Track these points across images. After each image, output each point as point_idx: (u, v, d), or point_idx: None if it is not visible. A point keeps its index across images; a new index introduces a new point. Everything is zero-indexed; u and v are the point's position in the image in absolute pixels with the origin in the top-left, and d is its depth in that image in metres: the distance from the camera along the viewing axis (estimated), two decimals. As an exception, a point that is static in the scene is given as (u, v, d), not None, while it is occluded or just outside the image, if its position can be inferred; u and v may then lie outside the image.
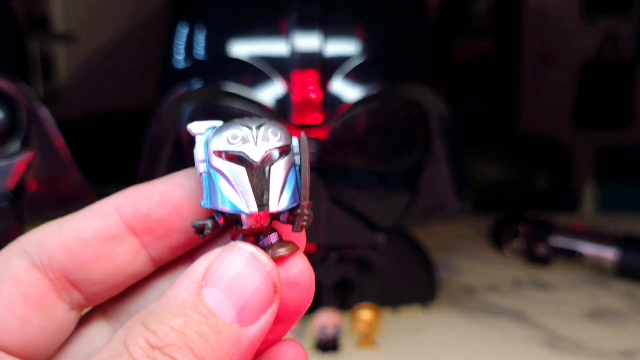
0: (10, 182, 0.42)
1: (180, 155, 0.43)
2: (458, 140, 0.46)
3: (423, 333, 0.47)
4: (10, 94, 0.42)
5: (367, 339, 0.45)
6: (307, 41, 0.41)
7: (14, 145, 0.42)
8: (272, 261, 0.19)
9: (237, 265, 0.18)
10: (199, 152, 0.20)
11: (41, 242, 0.20)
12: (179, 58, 0.45)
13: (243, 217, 0.20)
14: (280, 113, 0.40)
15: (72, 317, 0.21)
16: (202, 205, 0.20)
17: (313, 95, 0.41)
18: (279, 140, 0.20)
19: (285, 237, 0.21)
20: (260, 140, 0.19)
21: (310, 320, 0.46)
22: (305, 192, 0.20)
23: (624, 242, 0.55)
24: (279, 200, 0.20)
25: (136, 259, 0.21)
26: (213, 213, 0.20)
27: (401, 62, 0.45)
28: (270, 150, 0.19)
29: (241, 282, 0.18)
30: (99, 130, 0.62)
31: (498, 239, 0.60)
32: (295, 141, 0.20)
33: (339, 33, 0.42)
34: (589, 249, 0.56)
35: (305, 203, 0.20)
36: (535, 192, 0.70)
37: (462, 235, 0.63)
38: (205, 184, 0.20)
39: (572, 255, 0.57)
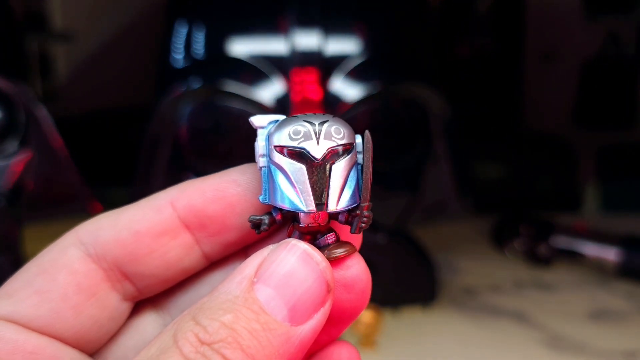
0: (8, 182, 0.42)
1: (180, 155, 0.43)
2: (459, 140, 0.46)
3: (424, 334, 0.46)
4: (8, 94, 0.41)
5: (367, 340, 0.45)
6: (307, 40, 0.41)
7: (12, 145, 0.42)
8: (325, 260, 0.18)
9: (290, 263, 0.18)
10: (259, 146, 0.20)
11: (96, 233, 0.20)
12: (178, 57, 0.45)
13: (301, 215, 0.19)
14: (279, 112, 0.40)
15: (125, 308, 0.21)
16: (261, 200, 0.20)
17: (313, 94, 0.40)
18: (342, 138, 0.19)
19: (342, 238, 0.20)
20: (323, 138, 0.19)
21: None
22: (366, 193, 0.20)
23: (626, 243, 0.54)
24: (338, 200, 0.19)
25: (189, 254, 0.21)
26: (271, 209, 0.20)
27: (402, 61, 0.45)
28: (332, 148, 0.19)
29: (293, 280, 0.18)
30: (98, 129, 0.62)
31: (499, 240, 0.60)
32: (359, 139, 0.20)
33: (339, 32, 0.42)
34: (591, 249, 0.55)
35: (366, 204, 0.19)
36: (536, 192, 0.70)
37: (463, 235, 0.63)
38: (264, 178, 0.20)
39: (573, 256, 0.56)
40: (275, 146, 0.19)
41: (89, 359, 0.20)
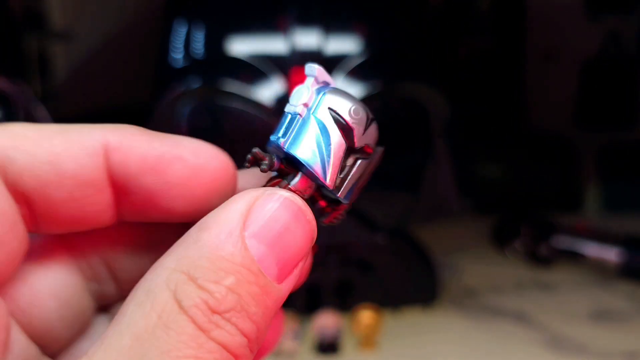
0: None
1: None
2: (459, 140, 0.46)
3: (424, 334, 0.46)
4: (7, 93, 0.41)
5: (368, 341, 0.45)
6: (307, 39, 0.41)
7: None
8: (311, 214, 0.18)
9: (283, 218, 0.17)
10: (304, 95, 0.19)
11: (11, 153, 0.16)
12: (177, 56, 0.44)
13: (299, 178, 0.19)
14: (279, 112, 0.40)
15: (27, 243, 0.18)
16: (272, 139, 0.19)
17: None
18: (374, 141, 0.20)
19: None
20: (368, 131, 0.20)
21: (310, 322, 0.46)
22: (355, 198, 0.20)
23: (627, 243, 0.54)
24: (346, 191, 0.19)
25: (105, 211, 0.18)
26: (271, 156, 0.19)
27: (402, 61, 0.45)
28: (367, 144, 0.20)
29: (287, 239, 0.17)
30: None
31: (500, 240, 0.60)
32: (377, 149, 0.21)
33: (340, 31, 0.42)
34: (592, 249, 0.55)
35: (347, 205, 0.20)
36: (537, 192, 0.70)
37: (464, 235, 0.63)
38: (290, 124, 0.19)
39: (574, 256, 0.56)
40: (332, 108, 0.19)
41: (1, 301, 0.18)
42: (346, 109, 0.19)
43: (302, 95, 0.19)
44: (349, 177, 0.19)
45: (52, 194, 0.17)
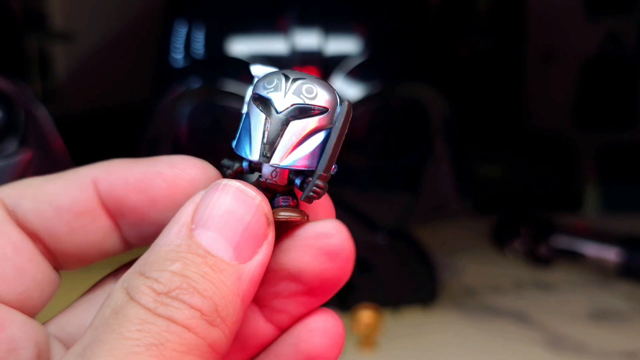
0: (8, 182, 0.42)
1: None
2: (459, 140, 0.46)
3: (424, 334, 0.46)
4: (7, 93, 0.41)
5: (367, 341, 0.45)
6: (307, 39, 0.41)
7: (12, 145, 0.42)
8: (261, 194, 0.18)
9: (225, 203, 0.17)
10: (247, 94, 0.20)
11: (18, 200, 0.19)
12: (177, 57, 0.45)
13: (263, 169, 0.19)
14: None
15: (56, 275, 0.20)
16: (232, 145, 0.19)
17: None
18: (312, 99, 0.19)
19: (309, 211, 0.20)
20: (291, 93, 0.19)
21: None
22: (326, 163, 0.19)
23: (626, 243, 0.54)
24: (285, 156, 0.19)
25: (109, 238, 0.20)
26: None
27: (402, 61, 0.45)
28: (297, 105, 0.19)
29: (232, 219, 0.17)
30: (97, 129, 0.62)
31: (499, 240, 0.60)
32: (339, 108, 0.19)
33: (339, 31, 0.42)
34: (591, 249, 0.55)
35: (322, 174, 0.19)
36: (537, 192, 0.70)
37: (464, 235, 0.63)
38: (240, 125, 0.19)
39: (574, 256, 0.56)
40: (251, 94, 0.19)
41: (40, 325, 0.20)
42: (260, 85, 0.19)
43: (246, 96, 0.20)
44: (280, 140, 0.18)
45: (55, 228, 0.19)
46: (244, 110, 0.19)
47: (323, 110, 0.19)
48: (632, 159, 0.70)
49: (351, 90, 0.41)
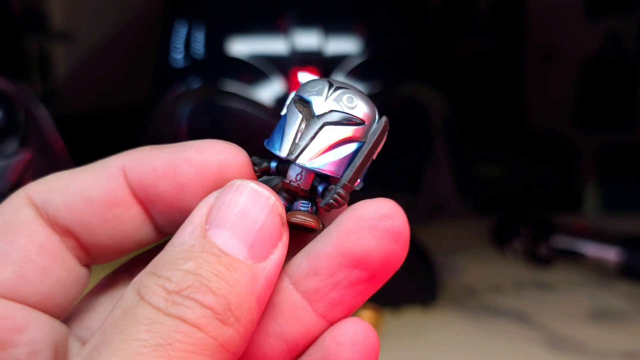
0: (8, 183, 0.42)
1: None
2: (459, 140, 0.46)
3: (424, 334, 0.46)
4: (7, 93, 0.41)
5: (367, 340, 0.45)
6: (307, 39, 0.41)
7: (12, 145, 0.42)
8: (275, 194, 0.18)
9: (240, 202, 0.17)
10: (289, 98, 0.20)
11: (47, 195, 0.19)
12: (177, 57, 0.45)
13: (289, 171, 0.19)
14: (279, 112, 0.40)
15: (84, 272, 0.20)
16: (264, 142, 0.20)
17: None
18: (352, 109, 0.19)
19: (326, 219, 0.20)
20: (332, 99, 0.19)
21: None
22: (352, 173, 0.19)
23: (626, 243, 0.54)
24: (313, 158, 0.19)
25: (142, 227, 0.20)
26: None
27: (402, 61, 0.45)
28: (336, 111, 0.19)
29: (247, 218, 0.17)
30: (98, 129, 0.62)
31: (499, 240, 0.60)
32: (376, 124, 0.19)
33: (339, 31, 0.42)
34: (591, 249, 0.55)
35: (346, 184, 0.19)
36: (537, 192, 0.70)
37: (464, 235, 0.63)
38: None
39: (574, 256, 0.56)
40: (294, 96, 0.19)
41: (62, 325, 0.20)
42: (303, 88, 0.19)
43: (288, 99, 0.20)
44: (311, 142, 0.19)
45: (87, 221, 0.19)
46: (284, 112, 0.20)
47: (360, 122, 0.19)
48: (632, 159, 0.70)
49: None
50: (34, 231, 0.19)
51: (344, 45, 0.42)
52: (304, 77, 0.21)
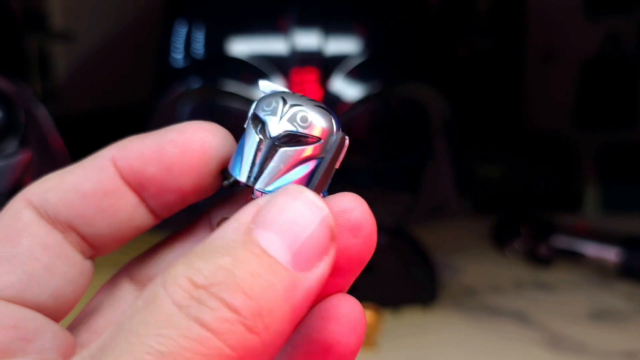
0: (8, 183, 0.42)
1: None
2: (459, 140, 0.46)
3: (424, 334, 0.46)
4: (7, 93, 0.41)
5: (367, 340, 0.45)
6: (307, 39, 0.41)
7: (12, 145, 0.42)
8: (328, 207, 0.17)
9: (292, 207, 0.17)
10: (250, 109, 0.20)
11: (44, 195, 0.20)
12: (177, 57, 0.45)
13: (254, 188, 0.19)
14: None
15: (89, 265, 0.21)
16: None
17: (313, 94, 0.40)
18: (305, 128, 0.19)
19: None
20: (286, 120, 0.19)
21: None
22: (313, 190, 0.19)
23: (626, 243, 0.54)
24: (270, 182, 0.19)
25: (137, 212, 0.20)
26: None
27: (402, 61, 0.45)
28: (290, 132, 0.19)
29: (296, 224, 0.16)
30: (98, 129, 0.62)
31: (499, 240, 0.60)
32: (333, 138, 0.19)
33: (339, 32, 0.42)
34: (591, 249, 0.55)
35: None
36: (537, 192, 0.70)
37: (464, 235, 0.63)
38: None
39: (574, 256, 0.56)
40: (252, 112, 0.20)
41: (70, 334, 0.20)
42: (260, 106, 0.19)
43: (249, 113, 0.20)
44: (268, 166, 0.19)
45: (85, 213, 0.20)
46: (246, 125, 0.20)
47: (316, 140, 0.19)
48: (632, 159, 0.70)
49: (351, 90, 0.41)
50: (36, 231, 0.19)
51: (344, 45, 0.42)
52: (264, 85, 0.21)
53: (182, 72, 0.43)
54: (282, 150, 0.19)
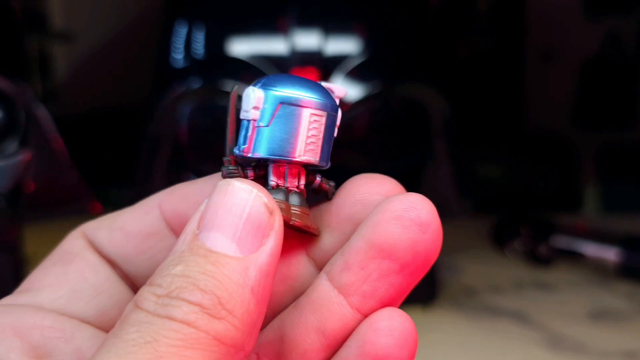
0: (8, 183, 0.42)
1: (180, 155, 0.43)
2: (459, 140, 0.46)
3: (423, 334, 0.46)
4: (8, 93, 0.41)
5: (367, 340, 0.45)
6: (307, 39, 0.41)
7: (12, 146, 0.42)
8: (257, 185, 0.18)
9: (223, 201, 0.18)
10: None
11: (95, 232, 0.22)
12: (177, 57, 0.45)
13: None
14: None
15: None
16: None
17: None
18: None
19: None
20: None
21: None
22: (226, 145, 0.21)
23: (626, 243, 0.54)
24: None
25: None
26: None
27: (402, 61, 0.45)
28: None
29: (231, 215, 0.18)
30: (97, 129, 0.62)
31: (499, 240, 0.60)
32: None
33: (339, 32, 0.42)
34: (591, 249, 0.55)
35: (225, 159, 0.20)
36: (536, 192, 0.70)
37: (463, 235, 0.63)
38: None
39: (574, 256, 0.56)
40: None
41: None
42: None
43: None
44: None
45: (126, 252, 0.21)
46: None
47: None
48: (632, 159, 0.70)
49: (351, 90, 0.41)
50: (88, 257, 0.21)
51: (344, 45, 0.42)
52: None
53: (182, 72, 0.43)
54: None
